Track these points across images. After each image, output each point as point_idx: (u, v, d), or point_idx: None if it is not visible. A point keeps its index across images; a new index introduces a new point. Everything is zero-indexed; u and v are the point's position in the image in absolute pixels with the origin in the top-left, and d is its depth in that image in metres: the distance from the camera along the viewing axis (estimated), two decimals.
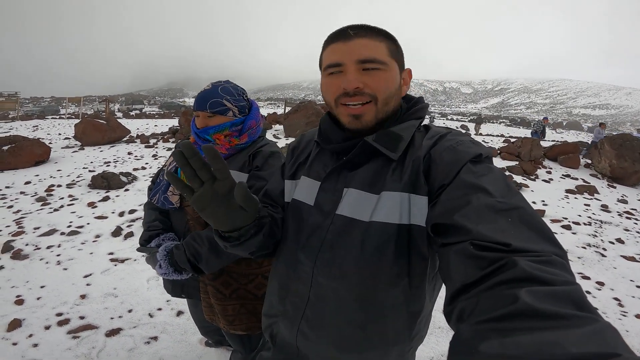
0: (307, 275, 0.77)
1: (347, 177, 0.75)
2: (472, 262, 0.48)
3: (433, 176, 0.65)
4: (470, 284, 0.47)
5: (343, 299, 0.73)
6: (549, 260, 0.45)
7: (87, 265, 3.08)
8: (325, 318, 0.76)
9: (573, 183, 7.23)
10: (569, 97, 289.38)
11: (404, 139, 0.72)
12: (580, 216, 5.23)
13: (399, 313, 0.73)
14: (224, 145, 1.26)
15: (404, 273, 0.70)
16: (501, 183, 0.58)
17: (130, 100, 52.41)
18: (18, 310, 2.41)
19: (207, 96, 1.23)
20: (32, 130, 13.43)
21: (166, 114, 28.25)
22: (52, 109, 34.77)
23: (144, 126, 14.44)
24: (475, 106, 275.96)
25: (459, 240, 0.53)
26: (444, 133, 0.72)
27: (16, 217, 4.25)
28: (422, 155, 0.69)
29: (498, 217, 0.52)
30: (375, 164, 0.73)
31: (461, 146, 0.66)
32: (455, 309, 0.47)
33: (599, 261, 3.81)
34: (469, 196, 0.56)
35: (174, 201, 1.29)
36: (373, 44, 0.71)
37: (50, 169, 6.72)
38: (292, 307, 0.81)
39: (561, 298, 0.39)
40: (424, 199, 0.66)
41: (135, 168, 6.77)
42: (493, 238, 0.49)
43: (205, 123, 1.24)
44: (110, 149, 8.91)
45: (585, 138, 24.83)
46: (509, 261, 0.45)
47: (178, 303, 2.55)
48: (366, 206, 0.70)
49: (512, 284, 0.42)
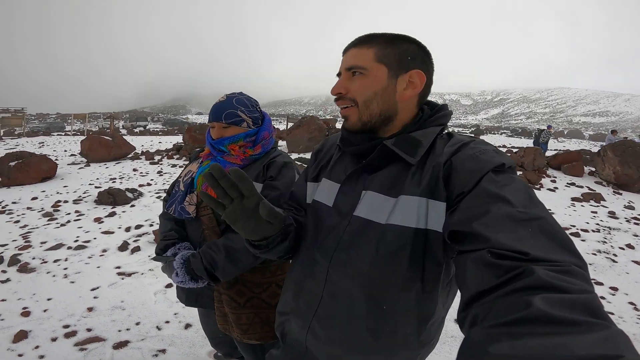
0: (322, 274, 0.78)
1: (366, 179, 0.76)
2: (488, 269, 0.48)
3: (453, 183, 0.65)
4: (486, 291, 0.47)
5: (355, 300, 0.74)
6: (568, 270, 0.45)
7: (94, 279, 3.07)
8: (336, 318, 0.76)
9: (579, 191, 7.20)
10: (568, 106, 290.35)
11: (423, 145, 0.73)
12: (588, 223, 5.21)
13: (410, 317, 0.73)
14: (239, 156, 1.28)
15: (417, 277, 0.70)
16: (523, 193, 0.58)
17: (134, 117, 53.12)
18: (24, 321, 2.39)
19: (223, 107, 1.26)
20: (38, 146, 13.62)
21: (170, 130, 28.60)
22: (57, 125, 35.28)
23: (148, 143, 14.60)
24: (475, 117, 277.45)
25: (476, 248, 0.53)
26: (467, 141, 0.73)
27: (23, 232, 4.27)
28: (442, 161, 0.69)
29: (518, 226, 0.52)
30: (394, 168, 0.74)
31: (484, 155, 0.66)
32: (469, 314, 0.48)
33: (610, 267, 3.77)
34: (489, 205, 0.56)
35: (191, 211, 1.30)
36: (361, 52, 0.76)
37: (57, 185, 6.78)
38: (305, 305, 0.82)
39: (576, 305, 0.39)
40: (442, 204, 0.66)
41: (141, 184, 6.82)
42: (511, 246, 0.49)
43: (220, 134, 1.27)
44: (115, 165, 8.99)
45: (588, 146, 24.84)
46: (526, 269, 0.44)
47: (186, 316, 2.53)
48: (383, 209, 0.71)
49: (527, 291, 0.42)
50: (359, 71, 0.76)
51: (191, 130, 10.08)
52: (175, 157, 9.76)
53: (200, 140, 9.48)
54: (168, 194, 1.46)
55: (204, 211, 1.30)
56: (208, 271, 1.21)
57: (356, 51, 0.77)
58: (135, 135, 21.04)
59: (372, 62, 0.75)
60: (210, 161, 1.31)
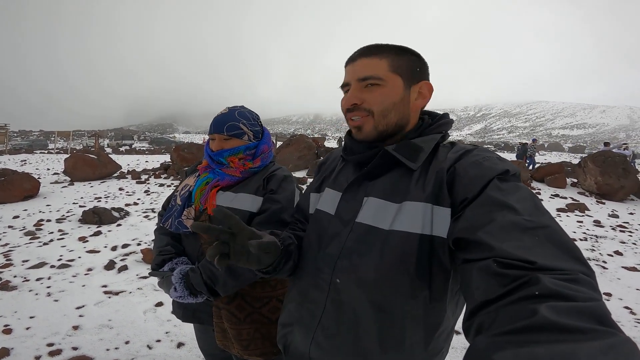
0: (325, 282, 0.76)
1: (368, 186, 0.76)
2: (494, 279, 0.48)
3: (456, 189, 0.65)
4: (491, 300, 0.46)
5: (360, 308, 0.72)
6: (575, 278, 0.44)
7: (79, 297, 2.94)
8: (341, 327, 0.74)
9: (563, 202, 7.38)
10: (547, 119, 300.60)
11: (424, 150, 0.73)
12: (575, 232, 5.31)
13: (417, 326, 0.71)
14: (238, 169, 1.27)
15: (425, 285, 0.69)
16: (529, 202, 0.58)
17: (119, 135, 52.36)
18: (6, 339, 2.28)
19: (224, 120, 1.25)
20: (20, 164, 13.27)
21: (156, 149, 28.27)
22: (40, 143, 34.37)
23: (135, 162, 14.39)
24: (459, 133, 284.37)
25: (482, 257, 0.52)
26: (470, 148, 0.73)
27: (4, 250, 4.09)
28: (446, 167, 0.69)
29: (523, 235, 0.51)
30: (396, 174, 0.74)
31: (487, 162, 0.66)
32: (474, 323, 0.47)
33: (601, 274, 3.84)
34: (494, 213, 0.56)
35: (189, 225, 1.28)
36: (373, 62, 0.75)
37: (39, 204, 6.56)
38: (308, 314, 0.79)
39: (582, 313, 0.38)
40: (446, 210, 0.66)
41: (127, 204, 6.66)
42: (517, 256, 0.48)
43: (221, 146, 1.26)
44: (100, 184, 8.79)
45: (568, 158, 25.66)
46: (532, 278, 0.44)
47: (178, 334, 2.43)
48: (386, 215, 0.70)
49: (533, 299, 0.42)
50: (375, 82, 0.75)
51: (179, 149, 9.99)
52: (162, 177, 9.62)
53: (189, 159, 9.37)
54: (164, 209, 1.43)
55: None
56: (208, 286, 1.18)
57: (368, 61, 0.76)
58: (121, 154, 20.73)
59: (387, 73, 0.75)
60: (209, 174, 1.29)
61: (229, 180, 1.26)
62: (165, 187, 8.40)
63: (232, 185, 1.27)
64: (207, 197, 1.24)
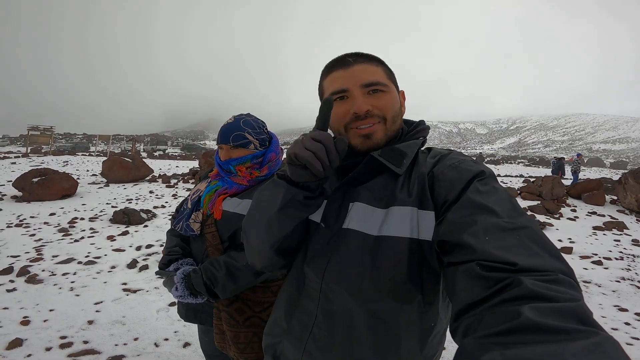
0: (315, 291, 0.75)
1: (354, 192, 0.76)
2: (478, 281, 0.49)
3: (437, 192, 0.66)
4: (476, 302, 0.47)
5: (353, 316, 0.70)
6: (555, 279, 0.46)
7: (99, 293, 3.09)
8: (334, 337, 0.72)
9: (600, 220, 6.97)
10: (587, 133, 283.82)
11: (408, 155, 0.74)
12: (611, 251, 5.06)
13: (412, 331, 0.70)
14: (245, 177, 1.30)
15: (417, 289, 0.68)
16: (507, 203, 0.59)
17: (154, 140, 55.13)
18: (22, 330, 2.42)
19: (230, 130, 1.28)
20: (62, 165, 14.22)
21: (187, 155, 29.41)
22: (83, 145, 36.81)
23: (166, 166, 15.04)
24: (491, 147, 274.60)
25: (465, 260, 0.53)
26: (445, 153, 0.75)
27: (37, 245, 4.39)
28: (426, 172, 0.70)
29: (504, 236, 0.52)
30: (381, 180, 0.74)
31: (463, 164, 0.68)
32: (461, 325, 0.48)
33: (635, 293, 3.64)
34: (475, 216, 0.57)
35: (195, 228, 1.32)
36: (373, 69, 0.76)
37: (76, 203, 7.01)
38: (299, 324, 0.78)
39: (564, 313, 0.39)
40: (431, 214, 0.66)
41: (155, 206, 6.98)
42: (499, 258, 0.49)
43: (228, 155, 1.29)
44: (133, 186, 9.26)
45: (609, 174, 23.98)
46: (514, 280, 0.45)
47: (186, 334, 2.49)
48: (374, 220, 0.70)
49: (516, 301, 0.43)
50: (381, 88, 0.74)
51: (207, 155, 10.35)
52: (190, 182, 9.98)
53: None
54: (177, 212, 1.49)
55: (208, 229, 1.30)
56: (207, 287, 1.20)
57: (368, 67, 0.75)
58: (155, 159, 21.75)
59: (387, 80, 0.77)
60: (218, 181, 1.33)
61: (237, 189, 1.30)
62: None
63: (239, 192, 1.30)
64: (214, 203, 1.28)
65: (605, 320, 3.07)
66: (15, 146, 42.30)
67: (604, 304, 3.38)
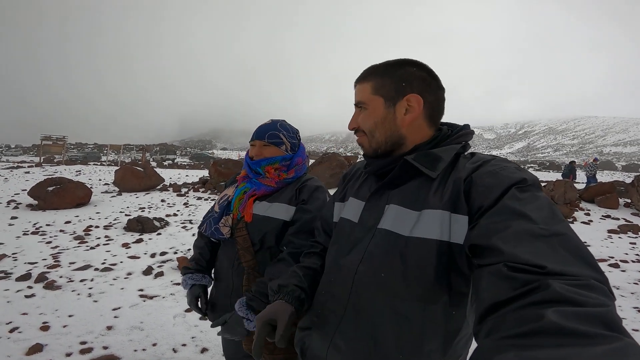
0: (347, 287, 0.79)
1: (390, 195, 0.79)
2: (504, 282, 0.48)
3: (473, 197, 0.67)
4: (500, 303, 0.47)
5: (380, 312, 0.73)
6: (586, 284, 0.44)
7: (117, 299, 3.13)
8: (359, 331, 0.75)
9: (615, 223, 6.86)
10: (597, 136, 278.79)
11: (443, 160, 0.75)
12: (627, 254, 5.03)
13: (436, 332, 0.71)
14: (274, 179, 1.34)
15: (444, 290, 0.70)
16: (546, 211, 0.58)
17: (164, 150, 55.85)
18: (42, 335, 2.45)
19: (267, 128, 1.35)
20: (75, 174, 14.44)
21: (196, 164, 29.66)
22: (94, 155, 37.40)
23: (176, 175, 15.18)
24: (500, 152, 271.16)
25: (493, 262, 0.53)
26: (489, 159, 0.74)
27: (54, 252, 4.47)
28: (463, 177, 0.71)
29: (537, 241, 0.52)
30: (415, 183, 0.76)
31: (504, 171, 0.67)
32: (484, 327, 0.47)
33: None
34: (509, 221, 0.56)
35: (225, 232, 1.34)
36: (362, 88, 0.85)
37: (90, 211, 7.13)
38: (327, 318, 0.82)
39: (590, 318, 0.38)
40: (464, 218, 0.67)
41: (168, 214, 7.05)
42: (528, 260, 0.48)
43: (260, 152, 1.33)
44: (145, 195, 9.35)
45: (621, 177, 23.50)
46: (542, 283, 0.44)
47: (203, 340, 2.51)
48: (407, 222, 0.73)
49: (542, 304, 0.42)
50: (362, 106, 0.85)
51: (217, 164, 10.44)
52: (200, 190, 10.07)
53: (225, 174, 9.74)
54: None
55: (239, 232, 1.32)
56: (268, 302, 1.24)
57: (359, 87, 0.86)
58: (164, 168, 21.99)
59: (369, 96, 0.83)
60: (247, 184, 1.36)
61: (265, 190, 1.33)
62: (203, 200, 8.77)
63: (267, 195, 1.34)
64: (245, 205, 1.31)
65: (626, 322, 3.03)
66: (28, 156, 43.22)
67: (623, 306, 3.34)
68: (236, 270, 1.32)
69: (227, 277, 1.35)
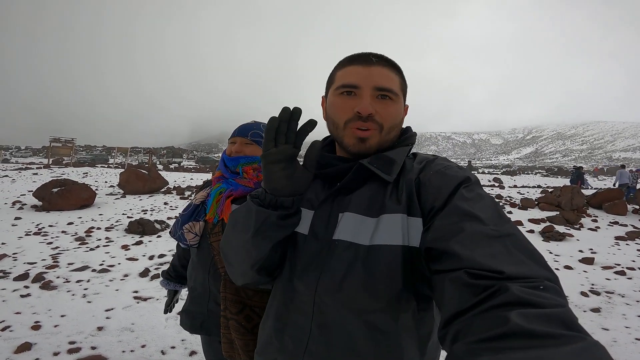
0: (307, 305, 0.72)
1: (343, 201, 0.74)
2: (466, 289, 0.50)
3: (423, 199, 0.67)
4: (465, 309, 0.48)
5: (351, 329, 0.69)
6: (540, 285, 0.47)
7: (111, 300, 3.13)
8: (332, 351, 0.69)
9: (622, 230, 6.75)
10: (606, 141, 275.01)
11: (397, 163, 0.73)
12: (635, 261, 4.93)
13: (411, 339, 0.69)
14: (252, 180, 1.29)
15: (411, 296, 0.68)
16: (492, 210, 0.61)
17: (170, 153, 56.45)
18: (32, 335, 2.47)
19: (249, 127, 1.32)
20: (82, 176, 14.64)
21: (201, 168, 29.88)
22: (102, 157, 37.94)
23: (181, 179, 15.30)
24: (507, 157, 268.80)
25: (452, 268, 0.54)
26: (431, 159, 0.76)
27: (53, 253, 4.51)
28: (413, 178, 0.71)
29: (491, 244, 0.54)
30: (370, 188, 0.73)
31: (449, 170, 0.69)
32: (450, 331, 0.49)
33: None
34: (462, 223, 0.58)
35: (189, 239, 1.30)
36: (391, 75, 0.74)
37: (93, 213, 7.20)
38: (292, 340, 0.74)
39: (551, 319, 0.41)
40: (418, 220, 0.66)
41: (169, 217, 7.08)
42: (487, 266, 0.50)
43: (241, 149, 1.30)
44: (149, 198, 9.44)
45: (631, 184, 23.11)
46: (502, 287, 0.47)
47: (193, 343, 2.48)
48: (365, 230, 0.69)
49: (504, 307, 0.44)
50: (390, 96, 0.73)
51: None
52: None
53: None
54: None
55: (215, 237, 1.28)
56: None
57: (387, 72, 0.74)
58: (170, 171, 22.17)
59: (399, 90, 0.75)
60: (222, 184, 1.30)
61: (242, 191, 1.27)
62: None
63: (245, 196, 1.28)
64: (223, 207, 1.25)
65: (630, 330, 2.93)
66: (38, 157, 43.93)
67: (627, 315, 3.24)
68: (212, 277, 1.28)
69: (204, 284, 1.31)
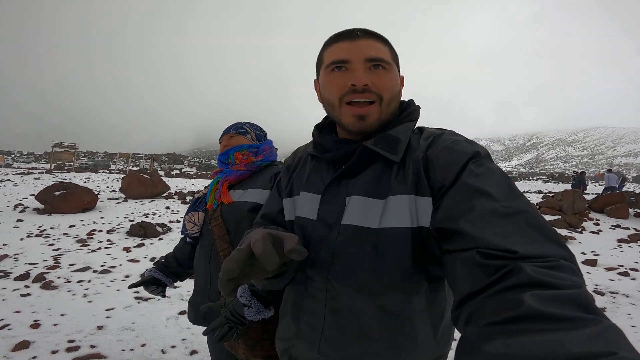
0: (320, 291, 0.73)
1: (349, 185, 0.72)
2: (478, 270, 0.48)
3: (432, 177, 0.64)
4: (478, 290, 0.47)
5: (364, 313, 0.69)
6: (556, 265, 0.45)
7: (111, 300, 3.13)
8: (346, 335, 0.70)
9: (625, 233, 6.74)
10: (607, 147, 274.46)
11: (402, 141, 0.70)
12: (638, 263, 4.94)
13: (425, 320, 0.69)
14: (242, 162, 1.38)
15: (422, 277, 0.67)
16: (504, 185, 0.58)
17: (172, 159, 56.57)
18: (31, 333, 2.46)
19: (232, 125, 1.48)
20: (84, 181, 14.64)
21: (203, 174, 29.90)
22: (104, 163, 38.08)
23: (182, 184, 15.31)
24: (508, 164, 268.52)
25: (464, 248, 0.52)
26: (438, 133, 0.71)
27: (55, 254, 4.51)
28: (420, 156, 0.68)
29: (502, 222, 0.51)
30: (376, 169, 0.71)
31: (458, 146, 0.65)
32: (463, 313, 0.47)
33: None
34: (472, 201, 0.55)
35: (189, 228, 1.39)
36: (379, 45, 0.72)
37: (95, 216, 7.20)
38: (308, 327, 0.75)
39: (566, 301, 0.39)
40: (428, 200, 0.64)
41: (171, 221, 7.09)
42: (499, 245, 0.48)
43: (228, 143, 1.42)
44: (150, 202, 9.43)
45: (632, 188, 23.19)
46: (515, 267, 0.45)
47: (193, 342, 2.47)
48: (373, 212, 0.68)
49: (517, 289, 0.42)
50: (383, 65, 0.70)
51: None
52: None
53: None
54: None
55: (214, 222, 1.33)
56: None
57: (375, 43, 0.72)
58: (172, 177, 22.18)
59: (390, 59, 0.73)
60: (219, 175, 1.42)
61: (236, 175, 1.37)
62: None
63: (240, 180, 1.38)
64: (220, 192, 1.35)
65: (636, 329, 2.92)
66: (40, 163, 44.06)
67: (633, 314, 3.24)
68: (213, 262, 1.30)
69: (206, 272, 1.34)
